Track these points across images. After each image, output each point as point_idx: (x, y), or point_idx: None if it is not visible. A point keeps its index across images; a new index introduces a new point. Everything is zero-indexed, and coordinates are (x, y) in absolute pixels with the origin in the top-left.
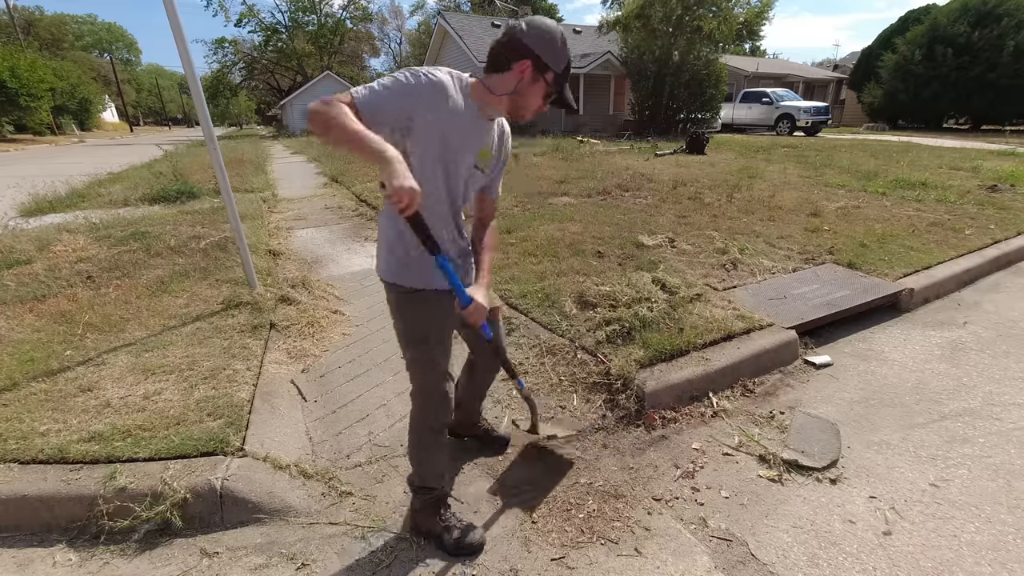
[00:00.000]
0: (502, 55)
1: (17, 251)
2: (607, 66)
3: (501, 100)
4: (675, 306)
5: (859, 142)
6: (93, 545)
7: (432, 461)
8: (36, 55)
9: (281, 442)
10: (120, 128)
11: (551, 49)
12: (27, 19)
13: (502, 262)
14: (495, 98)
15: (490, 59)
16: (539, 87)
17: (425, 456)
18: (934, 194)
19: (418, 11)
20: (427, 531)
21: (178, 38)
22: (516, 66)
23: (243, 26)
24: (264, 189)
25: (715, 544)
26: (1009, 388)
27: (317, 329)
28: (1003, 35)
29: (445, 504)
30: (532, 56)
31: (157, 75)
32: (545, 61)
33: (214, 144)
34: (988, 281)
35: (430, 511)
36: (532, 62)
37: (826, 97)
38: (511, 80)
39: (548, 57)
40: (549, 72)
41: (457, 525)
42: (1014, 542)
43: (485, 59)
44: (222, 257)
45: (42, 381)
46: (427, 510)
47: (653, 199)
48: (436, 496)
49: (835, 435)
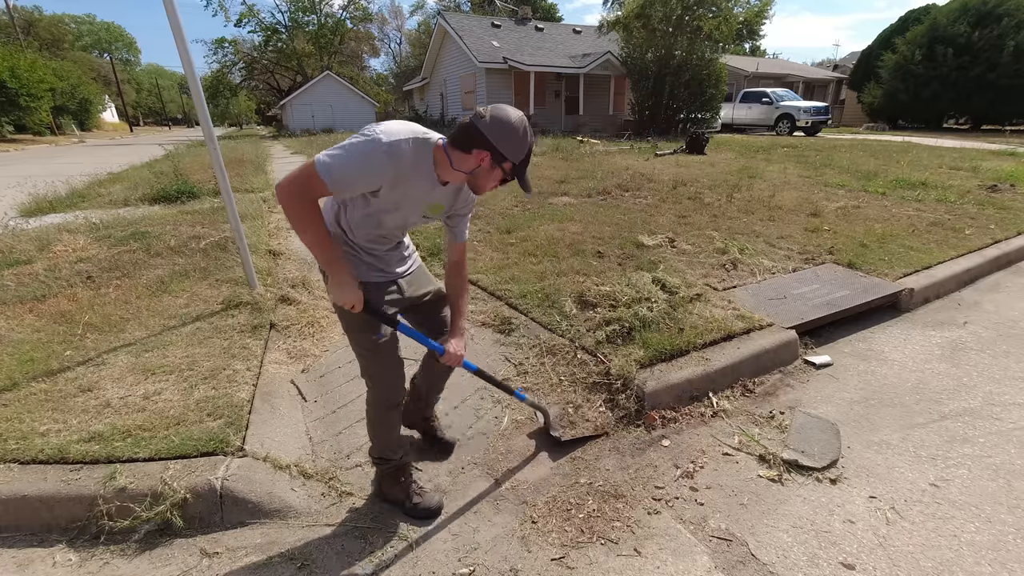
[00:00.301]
0: (465, 138)
1: (17, 251)
2: (607, 66)
3: (458, 175)
4: (675, 306)
5: (859, 142)
6: (93, 545)
7: (387, 435)
8: (36, 55)
9: (281, 442)
10: (120, 128)
11: (511, 143)
12: (27, 19)
13: (502, 262)
14: (453, 172)
15: (456, 134)
16: (496, 173)
17: (380, 431)
18: (934, 194)
19: (418, 11)
20: (391, 497)
21: (178, 38)
22: (476, 152)
23: (243, 26)
24: (264, 189)
25: (715, 544)
26: (1009, 388)
27: (317, 329)
28: (1003, 35)
29: (406, 472)
30: (491, 149)
31: (157, 75)
32: (503, 153)
33: (214, 144)
34: (988, 281)
35: (390, 480)
36: (491, 154)
37: (826, 97)
38: (471, 162)
39: (507, 150)
40: (507, 163)
41: (416, 491)
42: (1014, 542)
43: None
44: (222, 257)
45: (42, 381)
46: (388, 479)
47: (653, 199)
48: (394, 465)
49: (835, 435)
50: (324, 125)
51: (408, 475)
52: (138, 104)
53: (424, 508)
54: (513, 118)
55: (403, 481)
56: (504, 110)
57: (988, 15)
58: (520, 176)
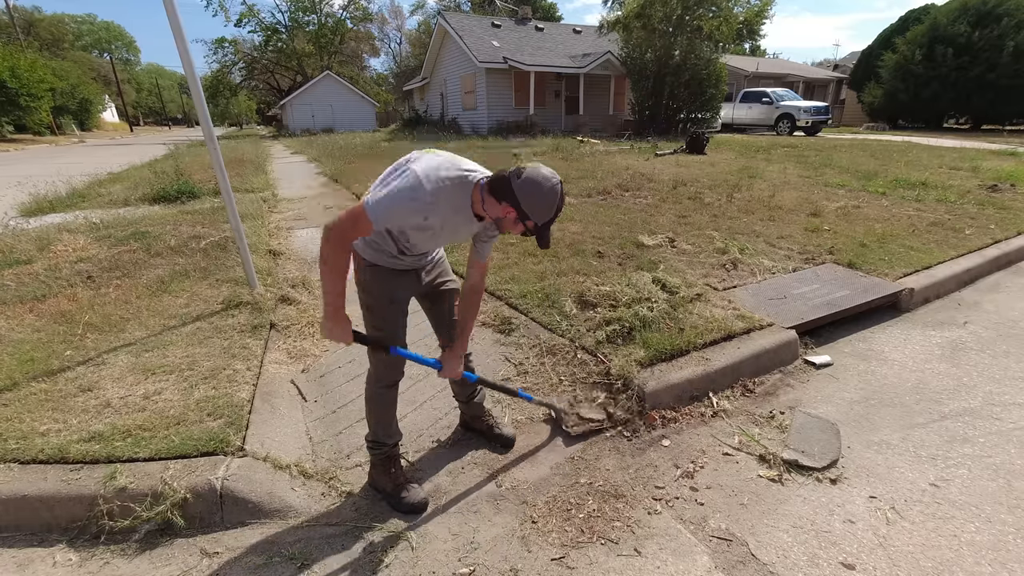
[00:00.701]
0: (498, 188)
1: (17, 251)
2: (607, 66)
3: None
4: (675, 306)
5: (859, 142)
6: (93, 545)
7: (382, 416)
8: (36, 55)
9: (281, 442)
10: (120, 128)
11: (538, 206)
12: (27, 19)
13: (502, 262)
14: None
15: (493, 182)
16: (520, 226)
17: (375, 408)
18: (934, 194)
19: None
20: (379, 486)
21: (178, 38)
22: (504, 205)
23: (243, 26)
24: (264, 189)
25: (715, 544)
26: (1009, 388)
27: (317, 329)
28: (1003, 35)
29: (396, 464)
30: (517, 208)
31: (157, 75)
32: (528, 214)
33: (214, 144)
34: (988, 281)
35: (381, 468)
36: (516, 211)
37: (826, 97)
38: (499, 211)
39: (532, 212)
40: (530, 221)
41: (405, 484)
42: (1014, 542)
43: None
44: (222, 257)
45: (42, 381)
46: (379, 467)
47: (653, 199)
48: (386, 453)
49: (835, 435)
50: (324, 125)
51: (398, 467)
52: (138, 104)
53: (408, 503)
54: (545, 185)
55: (392, 472)
56: (540, 173)
57: (988, 15)
58: (540, 234)
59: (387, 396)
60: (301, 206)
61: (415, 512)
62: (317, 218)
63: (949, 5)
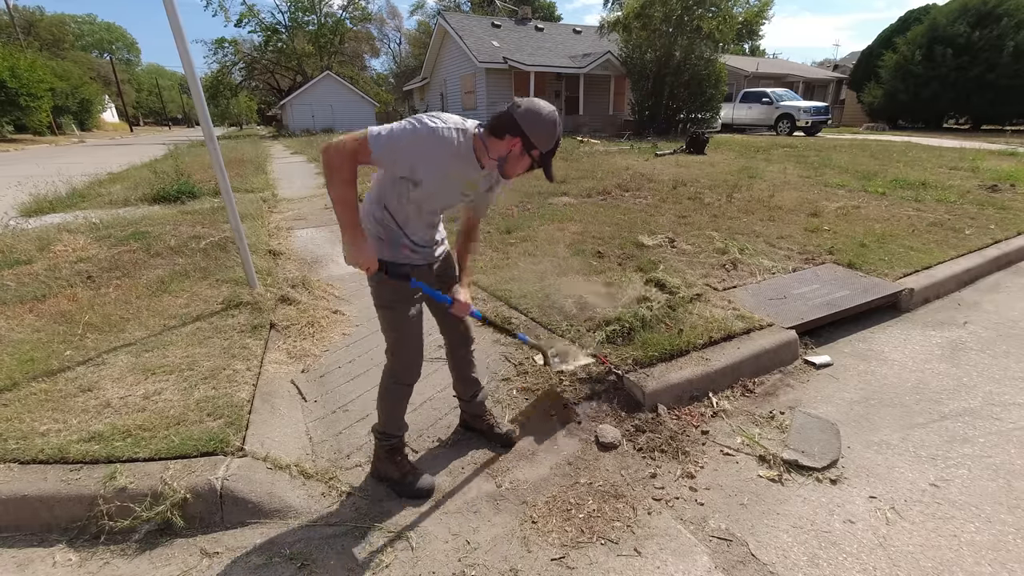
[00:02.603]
0: (499, 126)
1: (17, 251)
2: (607, 66)
3: (492, 160)
4: (675, 306)
5: (859, 142)
6: (93, 545)
7: (393, 410)
8: (36, 55)
9: (281, 442)
10: (120, 128)
11: (541, 132)
12: (27, 19)
13: (502, 262)
14: (487, 158)
15: (491, 123)
16: (525, 160)
17: (388, 404)
18: (934, 194)
19: (418, 11)
20: (385, 475)
21: (178, 38)
22: (508, 139)
23: (243, 26)
24: (264, 189)
25: (715, 544)
26: (1009, 388)
27: (317, 329)
28: (1003, 35)
29: (401, 452)
30: (523, 136)
31: (157, 75)
32: (533, 142)
33: (214, 144)
34: (988, 281)
35: (387, 457)
36: (522, 140)
37: (826, 97)
38: (503, 148)
39: (537, 139)
40: (535, 150)
41: (411, 472)
42: (1014, 542)
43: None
44: (222, 257)
45: (42, 381)
46: (385, 456)
47: (653, 199)
48: (392, 444)
49: (835, 435)
50: (324, 125)
51: (403, 456)
52: (138, 104)
53: (416, 488)
54: (544, 111)
55: (399, 460)
56: (537, 103)
57: (988, 15)
58: (546, 164)
59: (401, 392)
60: (301, 206)
61: (422, 497)
62: (317, 218)
63: (949, 5)
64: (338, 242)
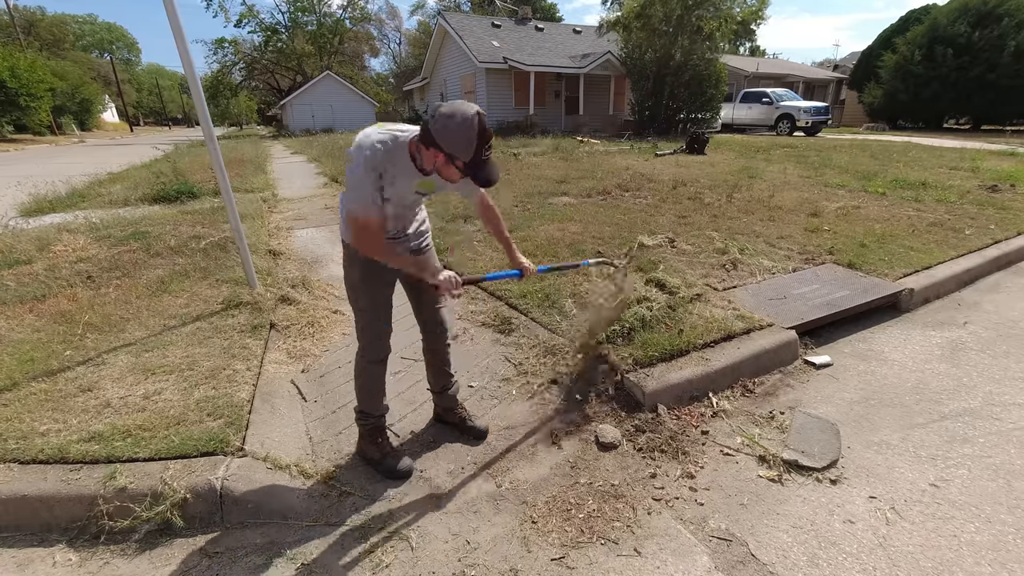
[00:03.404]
0: (423, 137)
1: (17, 251)
2: (607, 66)
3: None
4: (675, 306)
5: (859, 142)
6: (93, 545)
7: (370, 388)
8: (36, 55)
9: (281, 442)
10: (120, 128)
11: (458, 143)
12: (28, 19)
13: (501, 262)
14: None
15: (419, 132)
16: (453, 169)
17: (364, 381)
18: (934, 194)
19: (418, 11)
20: (367, 455)
21: (178, 38)
22: (431, 151)
23: (243, 26)
24: (264, 189)
25: (715, 544)
26: (1009, 388)
27: (317, 329)
28: (1003, 35)
29: (382, 434)
30: (440, 150)
31: (157, 75)
32: (452, 154)
33: (214, 144)
34: (988, 281)
35: (368, 438)
36: (443, 154)
37: (826, 97)
38: (430, 159)
39: (455, 150)
40: (459, 160)
41: (391, 453)
42: (1014, 542)
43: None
44: (222, 257)
45: (42, 381)
46: (366, 437)
47: (653, 199)
48: (373, 424)
49: (835, 435)
50: (324, 125)
51: (384, 437)
52: (138, 104)
53: (396, 469)
54: (456, 118)
55: (379, 442)
56: (452, 109)
57: (988, 15)
58: (476, 172)
59: (374, 371)
60: (301, 206)
61: (399, 478)
62: (317, 218)
63: (949, 5)
64: (338, 241)
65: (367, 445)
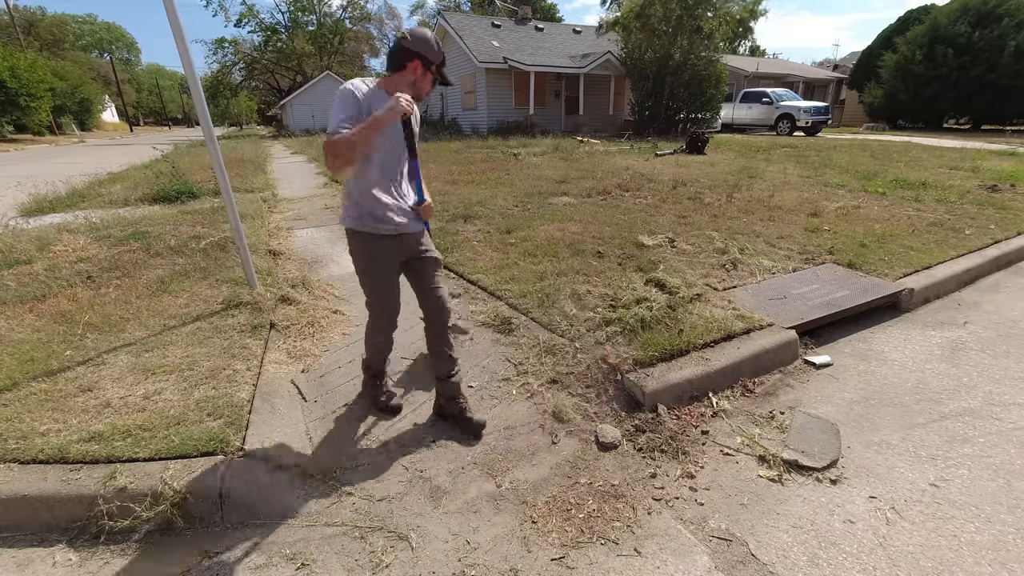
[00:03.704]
0: (398, 60)
1: (17, 251)
2: (607, 66)
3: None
4: (675, 306)
5: (859, 142)
6: (93, 545)
7: (375, 347)
8: (36, 55)
9: (281, 442)
10: (120, 128)
11: (430, 48)
12: (28, 19)
13: (502, 262)
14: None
15: (389, 61)
16: (428, 76)
17: (370, 343)
18: (934, 194)
19: (418, 11)
20: (368, 396)
21: (178, 38)
22: (410, 65)
23: (243, 26)
24: (264, 189)
25: (715, 544)
26: (1009, 388)
27: (317, 329)
28: (1003, 35)
29: (382, 379)
30: (421, 57)
31: (157, 75)
32: (429, 58)
33: (214, 144)
34: (988, 281)
35: (370, 382)
36: (421, 61)
37: (826, 97)
38: (409, 75)
39: (429, 54)
40: (433, 65)
41: (384, 394)
42: (1014, 542)
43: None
44: (222, 257)
45: (42, 381)
46: (368, 381)
47: (653, 199)
48: (373, 371)
49: (835, 435)
50: (324, 125)
51: (383, 382)
52: (138, 104)
53: (390, 406)
54: (419, 32)
55: (378, 385)
56: (410, 30)
57: (988, 15)
58: (442, 73)
59: (379, 339)
60: (301, 206)
61: (391, 413)
62: (317, 218)
63: (949, 5)
64: (338, 241)
65: (368, 388)
